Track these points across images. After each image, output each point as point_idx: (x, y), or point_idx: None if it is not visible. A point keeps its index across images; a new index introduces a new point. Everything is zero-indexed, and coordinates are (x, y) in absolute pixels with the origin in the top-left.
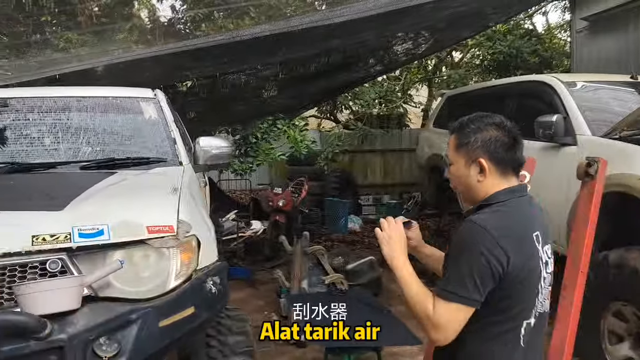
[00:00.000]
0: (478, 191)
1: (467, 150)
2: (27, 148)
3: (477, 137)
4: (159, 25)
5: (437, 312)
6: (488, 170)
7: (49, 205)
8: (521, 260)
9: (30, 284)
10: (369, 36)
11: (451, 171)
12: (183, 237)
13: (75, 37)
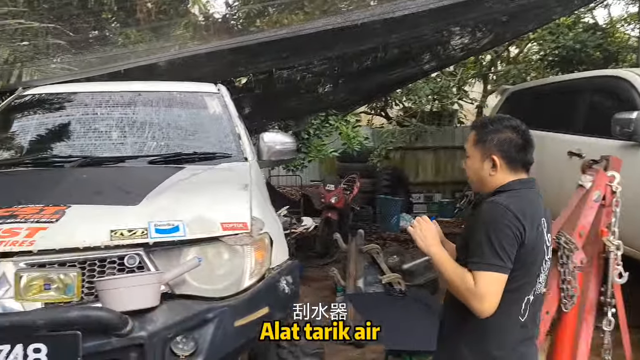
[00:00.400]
0: (489, 184)
1: (483, 146)
2: (95, 142)
3: (493, 136)
4: (214, 22)
5: (479, 284)
6: (499, 167)
7: (124, 200)
8: (533, 237)
9: (113, 280)
10: (427, 30)
11: (467, 163)
12: (257, 234)
13: (133, 34)
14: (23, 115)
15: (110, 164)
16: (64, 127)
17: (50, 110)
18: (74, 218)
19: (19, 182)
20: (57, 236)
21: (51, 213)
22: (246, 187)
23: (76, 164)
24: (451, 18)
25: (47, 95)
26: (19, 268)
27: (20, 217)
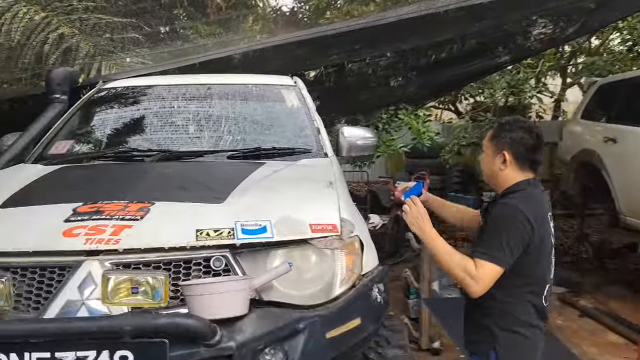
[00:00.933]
0: (499, 178)
1: (497, 142)
2: (173, 136)
3: (507, 134)
4: (282, 15)
5: (480, 271)
6: (509, 162)
7: (209, 197)
8: (541, 233)
9: (203, 285)
10: (509, 19)
11: (483, 158)
12: (347, 237)
13: (203, 29)
14: (103, 108)
15: (190, 158)
16: (143, 120)
17: (129, 104)
18: (158, 216)
19: (101, 176)
20: (143, 235)
21: (136, 210)
22: (332, 186)
23: (155, 158)
24: (536, 6)
25: (126, 89)
26: (106, 269)
27: (106, 214)
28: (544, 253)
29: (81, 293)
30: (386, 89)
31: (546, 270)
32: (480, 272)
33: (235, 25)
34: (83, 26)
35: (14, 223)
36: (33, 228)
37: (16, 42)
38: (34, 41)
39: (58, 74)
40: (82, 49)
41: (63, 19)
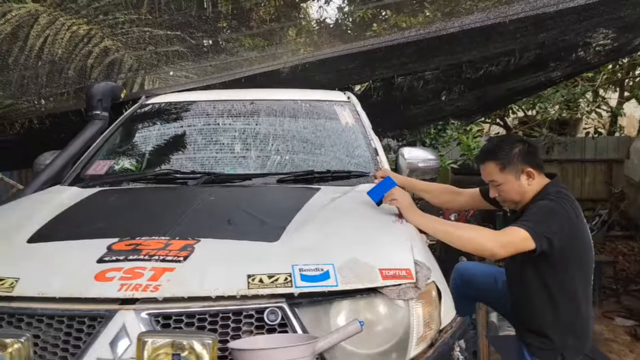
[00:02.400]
0: (529, 194)
1: (511, 167)
2: (217, 155)
3: (513, 153)
4: (326, 26)
5: (508, 232)
6: (534, 174)
7: (261, 234)
8: (581, 232)
9: (257, 352)
10: (574, 29)
11: (504, 189)
12: (424, 285)
13: (246, 42)
14: (145, 126)
15: (236, 182)
16: (187, 139)
17: (172, 121)
18: (204, 257)
19: (140, 203)
20: (186, 280)
21: (178, 249)
22: (400, 219)
23: (200, 182)
24: (606, 14)
25: (169, 105)
26: (142, 332)
27: (144, 253)
28: (588, 249)
29: (113, 351)
30: (436, 104)
31: (591, 266)
32: (511, 235)
33: (278, 38)
34: (127, 39)
35: (40, 262)
36: (61, 269)
37: (59, 56)
38: (77, 55)
39: (99, 89)
40: (125, 63)
41: (107, 32)
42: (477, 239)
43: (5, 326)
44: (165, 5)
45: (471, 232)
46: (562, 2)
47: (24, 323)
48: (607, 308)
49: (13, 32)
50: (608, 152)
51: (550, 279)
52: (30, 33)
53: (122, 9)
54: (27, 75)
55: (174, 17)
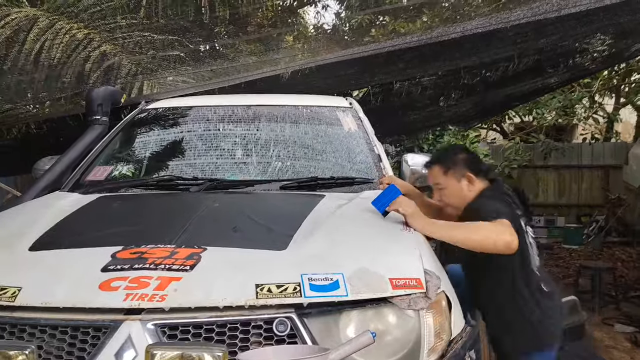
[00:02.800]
0: (469, 199)
1: (453, 171)
2: (219, 161)
3: (456, 159)
4: (323, 32)
5: (499, 222)
6: (475, 180)
7: (268, 242)
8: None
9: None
10: (574, 34)
11: (445, 193)
12: (434, 294)
13: (244, 47)
14: (145, 131)
15: (240, 188)
16: (188, 144)
17: (173, 126)
18: (211, 265)
19: (144, 210)
20: (193, 290)
21: (184, 258)
22: (408, 227)
23: (203, 188)
24: (607, 20)
25: (169, 110)
26: (150, 344)
27: (150, 262)
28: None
29: None
30: (434, 110)
31: (529, 253)
32: (508, 226)
33: (276, 43)
34: (126, 44)
35: (43, 271)
36: (65, 278)
37: (57, 60)
38: (75, 59)
39: (99, 94)
40: (124, 67)
41: (105, 37)
42: (489, 235)
43: (7, 337)
44: (162, 10)
45: (479, 231)
46: (564, 7)
47: (27, 333)
48: (606, 315)
49: (11, 36)
50: (605, 157)
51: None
52: (28, 37)
53: (120, 14)
54: (26, 80)
55: (172, 22)
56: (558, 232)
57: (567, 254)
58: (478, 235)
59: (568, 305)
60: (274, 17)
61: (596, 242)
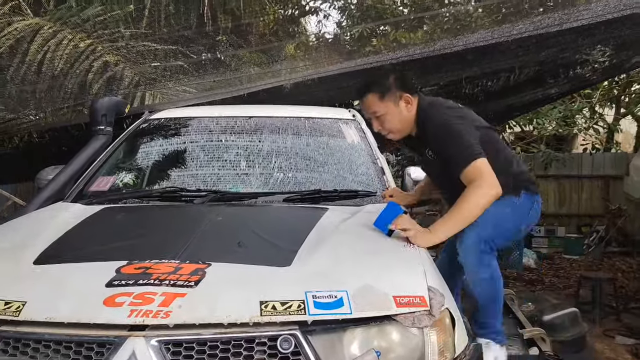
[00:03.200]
0: (410, 119)
1: (389, 95)
2: (222, 172)
3: (388, 82)
4: (325, 42)
5: (478, 171)
6: (412, 99)
7: (272, 258)
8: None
9: None
10: (575, 46)
11: (386, 120)
12: (438, 312)
13: (246, 56)
14: (149, 141)
15: (243, 200)
16: (191, 155)
17: (176, 136)
18: (215, 282)
19: (147, 223)
20: (198, 307)
21: (188, 273)
22: (411, 243)
23: (206, 200)
24: (608, 33)
25: (173, 120)
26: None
27: (154, 278)
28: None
29: None
30: None
31: None
32: (486, 172)
33: (277, 53)
34: (128, 54)
35: (47, 286)
36: (70, 293)
37: (59, 70)
38: (78, 69)
39: (103, 104)
40: (126, 77)
41: (108, 47)
42: (481, 201)
43: (11, 351)
44: (165, 19)
45: (472, 207)
46: (566, 22)
47: (31, 348)
48: (607, 326)
49: (14, 45)
50: (605, 168)
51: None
52: (31, 47)
53: (123, 24)
54: (29, 90)
55: (174, 32)
56: (558, 242)
57: (568, 264)
58: (474, 210)
59: (569, 317)
60: (275, 26)
61: (596, 252)
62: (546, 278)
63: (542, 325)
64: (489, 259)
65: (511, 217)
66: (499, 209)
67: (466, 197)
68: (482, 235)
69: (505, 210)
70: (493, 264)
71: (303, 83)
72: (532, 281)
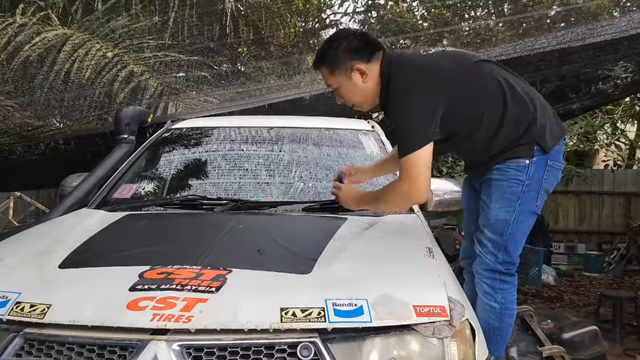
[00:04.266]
0: (373, 89)
1: (340, 68)
2: (242, 181)
3: (337, 53)
4: None
5: (410, 164)
6: (366, 69)
7: (293, 265)
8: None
9: None
10: (597, 62)
11: (343, 93)
12: (458, 322)
13: (267, 68)
14: (171, 150)
15: (263, 209)
16: (213, 164)
17: (198, 145)
18: (236, 288)
19: (169, 230)
20: (219, 312)
21: (210, 279)
22: (431, 254)
23: (226, 208)
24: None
25: (195, 130)
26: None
27: (176, 282)
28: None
29: None
30: None
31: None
32: (411, 170)
33: (297, 65)
34: (154, 64)
35: (72, 289)
36: (94, 297)
37: (86, 79)
38: (105, 78)
39: (127, 114)
40: (151, 87)
41: (134, 57)
42: (400, 202)
43: (35, 353)
44: (188, 30)
45: (391, 200)
46: (589, 37)
47: (55, 351)
48: (628, 345)
49: (43, 54)
50: (626, 184)
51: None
52: (59, 56)
53: (148, 34)
54: (57, 99)
55: (197, 42)
56: (578, 259)
57: (588, 282)
58: (389, 207)
59: (589, 335)
60: (295, 38)
61: (617, 270)
62: (566, 295)
63: (562, 343)
64: (505, 284)
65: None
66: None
67: (389, 191)
68: (499, 258)
69: (517, 191)
70: (510, 293)
71: (323, 95)
72: (551, 298)
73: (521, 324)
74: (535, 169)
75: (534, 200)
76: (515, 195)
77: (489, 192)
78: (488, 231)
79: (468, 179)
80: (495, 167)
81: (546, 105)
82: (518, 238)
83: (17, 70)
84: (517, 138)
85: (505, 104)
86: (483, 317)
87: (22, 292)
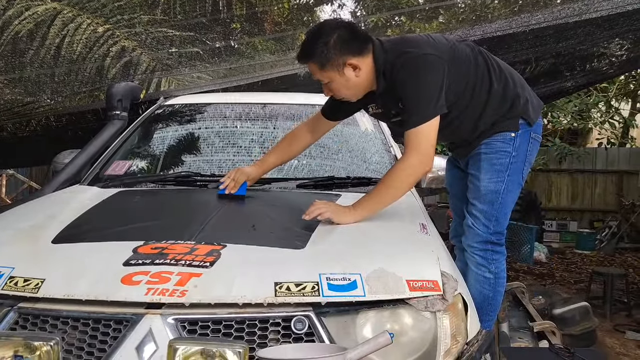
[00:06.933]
0: (365, 82)
1: (331, 63)
2: (235, 158)
3: (328, 48)
4: None
5: (416, 137)
6: (358, 63)
7: (286, 240)
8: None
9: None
10: (593, 39)
11: (333, 88)
12: (450, 296)
13: (260, 44)
14: (164, 127)
15: (257, 185)
16: (206, 141)
17: (191, 122)
18: (230, 263)
19: (163, 206)
20: (213, 286)
21: (204, 254)
22: (425, 229)
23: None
24: (627, 26)
25: (188, 106)
26: (173, 339)
27: (170, 257)
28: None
29: (139, 355)
30: None
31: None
32: (420, 141)
33: (291, 41)
34: (146, 39)
35: (66, 264)
36: (88, 271)
37: (77, 55)
38: (96, 54)
39: (119, 89)
40: (143, 63)
41: (125, 32)
42: (410, 177)
43: (30, 327)
44: (180, 6)
45: (402, 177)
46: (585, 12)
47: (49, 325)
48: (618, 321)
49: (33, 29)
50: (619, 163)
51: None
52: (50, 31)
53: (139, 10)
54: (47, 74)
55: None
56: (570, 236)
57: (579, 259)
58: (402, 188)
59: (580, 311)
60: (289, 14)
61: (608, 247)
62: (557, 272)
63: (553, 318)
64: (497, 254)
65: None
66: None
67: (397, 173)
68: (491, 228)
69: (505, 162)
70: (501, 263)
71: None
72: (542, 275)
73: (513, 300)
74: (520, 142)
75: (520, 171)
76: (504, 166)
77: (477, 166)
78: (479, 203)
79: (452, 158)
80: (483, 143)
81: (523, 80)
82: (507, 208)
83: (7, 44)
84: (503, 114)
85: (491, 81)
86: (477, 289)
87: (15, 267)
